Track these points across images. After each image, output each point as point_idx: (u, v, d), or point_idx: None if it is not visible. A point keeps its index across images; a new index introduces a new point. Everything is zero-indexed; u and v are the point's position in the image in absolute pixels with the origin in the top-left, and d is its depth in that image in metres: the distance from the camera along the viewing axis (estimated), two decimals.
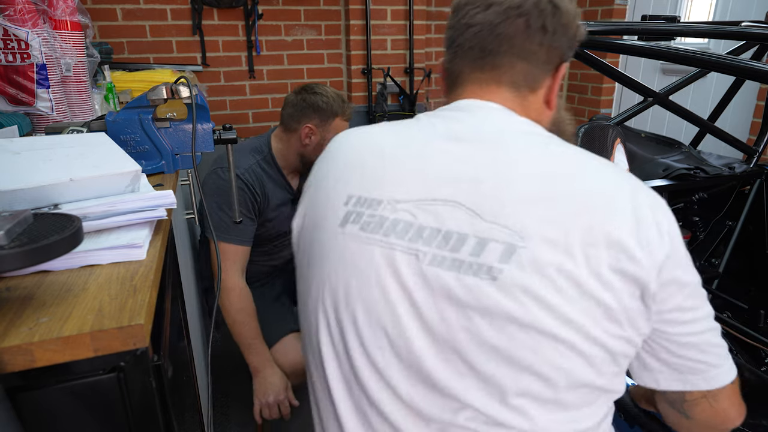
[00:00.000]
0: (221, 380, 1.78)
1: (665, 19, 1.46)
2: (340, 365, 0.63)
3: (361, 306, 0.60)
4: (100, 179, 0.62)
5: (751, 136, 2.49)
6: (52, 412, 0.46)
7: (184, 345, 0.94)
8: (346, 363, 0.62)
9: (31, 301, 0.48)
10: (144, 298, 0.48)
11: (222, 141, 0.90)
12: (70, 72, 1.17)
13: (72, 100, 1.20)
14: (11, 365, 0.42)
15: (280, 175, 1.54)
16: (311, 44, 2.76)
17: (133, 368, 0.47)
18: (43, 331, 0.43)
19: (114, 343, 0.45)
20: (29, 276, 0.54)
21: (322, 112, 1.46)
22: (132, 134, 0.84)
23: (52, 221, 0.47)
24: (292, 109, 1.48)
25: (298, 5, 2.67)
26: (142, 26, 2.46)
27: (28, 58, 1.04)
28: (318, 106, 1.45)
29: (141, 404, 0.49)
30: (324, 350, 0.64)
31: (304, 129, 1.46)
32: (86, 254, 0.55)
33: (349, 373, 0.63)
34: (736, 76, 1.60)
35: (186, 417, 0.76)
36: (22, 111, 1.07)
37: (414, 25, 2.75)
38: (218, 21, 2.57)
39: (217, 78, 2.66)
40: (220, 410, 1.65)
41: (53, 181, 0.58)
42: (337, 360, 0.64)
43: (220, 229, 1.40)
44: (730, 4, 2.61)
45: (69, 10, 1.15)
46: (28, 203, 0.57)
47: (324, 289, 0.63)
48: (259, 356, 1.40)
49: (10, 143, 0.69)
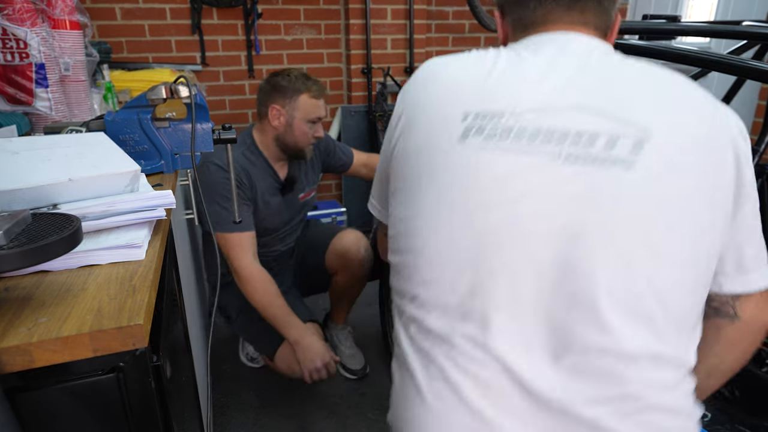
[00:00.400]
0: (221, 380, 1.78)
1: (666, 18, 1.46)
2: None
3: (491, 211, 0.60)
4: (99, 179, 0.62)
5: (752, 135, 2.49)
6: (51, 413, 0.46)
7: (184, 345, 0.94)
8: (478, 256, 0.61)
9: (30, 302, 0.48)
10: (143, 298, 0.48)
11: (221, 141, 0.90)
12: (69, 71, 1.17)
13: (71, 100, 1.20)
14: (10, 365, 0.42)
15: (265, 164, 1.57)
16: (311, 43, 2.75)
17: (133, 368, 0.47)
18: (42, 331, 0.43)
19: (113, 344, 0.44)
20: (28, 276, 0.53)
21: (285, 90, 1.50)
22: (131, 134, 0.84)
23: (51, 221, 0.47)
24: (260, 95, 1.55)
25: (298, 4, 2.66)
26: (141, 25, 2.46)
27: (27, 58, 1.04)
28: (280, 85, 1.50)
29: (140, 404, 0.49)
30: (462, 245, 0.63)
31: (271, 110, 1.51)
32: (85, 254, 0.55)
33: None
34: (737, 75, 1.60)
35: (186, 417, 0.76)
36: (21, 110, 1.07)
37: (414, 25, 2.75)
38: (217, 20, 2.57)
39: (216, 77, 2.66)
40: (220, 410, 1.65)
41: (52, 181, 0.58)
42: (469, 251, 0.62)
43: (217, 221, 1.43)
44: (732, 4, 2.60)
45: (68, 9, 1.15)
46: (27, 203, 0.57)
47: (447, 200, 0.63)
48: (295, 329, 1.48)
49: (8, 143, 0.69)
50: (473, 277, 0.61)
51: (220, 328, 2.06)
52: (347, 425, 1.58)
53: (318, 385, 1.74)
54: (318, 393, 1.71)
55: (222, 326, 2.07)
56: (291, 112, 1.51)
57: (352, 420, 1.60)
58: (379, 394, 1.71)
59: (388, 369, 0.78)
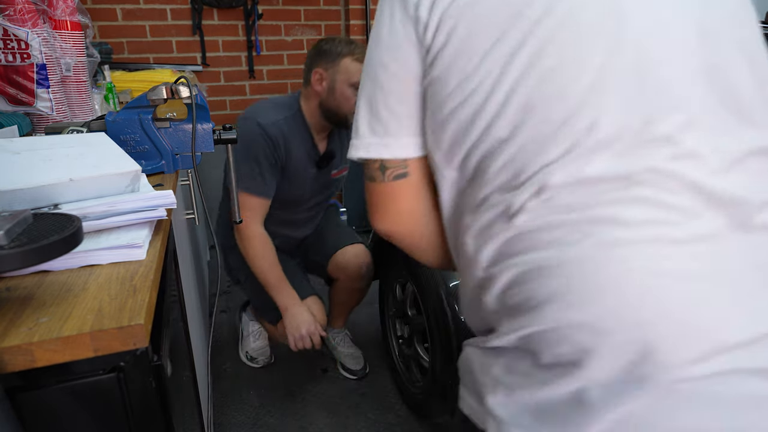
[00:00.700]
0: (221, 380, 1.78)
1: None
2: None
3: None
4: (100, 179, 0.62)
5: None
6: (52, 412, 0.46)
7: (184, 345, 0.94)
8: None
9: (31, 301, 0.48)
10: (144, 298, 0.48)
11: (222, 141, 0.91)
12: (70, 72, 1.18)
13: (72, 100, 1.20)
14: (11, 365, 0.42)
15: (307, 135, 1.54)
16: (311, 44, 2.76)
17: (133, 368, 0.47)
18: (43, 331, 0.43)
19: (114, 343, 0.45)
20: (29, 276, 0.54)
21: (328, 54, 1.46)
22: (132, 134, 0.84)
23: (52, 221, 0.47)
24: (306, 61, 1.52)
25: (298, 5, 2.67)
26: (142, 26, 2.46)
27: (28, 58, 1.04)
28: (323, 49, 1.46)
29: (141, 404, 0.49)
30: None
31: (314, 75, 1.47)
32: (86, 254, 0.55)
33: None
34: None
35: (186, 417, 0.76)
36: (22, 111, 1.08)
37: None
38: (218, 21, 2.57)
39: (217, 78, 2.66)
40: (220, 410, 1.65)
41: (53, 181, 0.58)
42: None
43: (241, 180, 1.43)
44: None
45: (69, 10, 1.15)
46: (28, 203, 0.57)
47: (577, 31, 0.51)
48: (286, 296, 1.51)
49: (9, 143, 0.69)
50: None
51: (220, 328, 2.07)
52: (347, 425, 1.58)
53: (318, 385, 1.75)
54: (318, 393, 1.72)
55: (222, 326, 2.07)
56: (333, 75, 1.45)
57: (352, 420, 1.60)
58: (379, 394, 1.71)
59: (389, 369, 0.78)
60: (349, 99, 1.45)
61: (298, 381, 1.77)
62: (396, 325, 1.75)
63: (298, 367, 1.84)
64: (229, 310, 2.21)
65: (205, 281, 2.07)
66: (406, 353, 1.66)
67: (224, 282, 2.33)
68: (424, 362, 1.54)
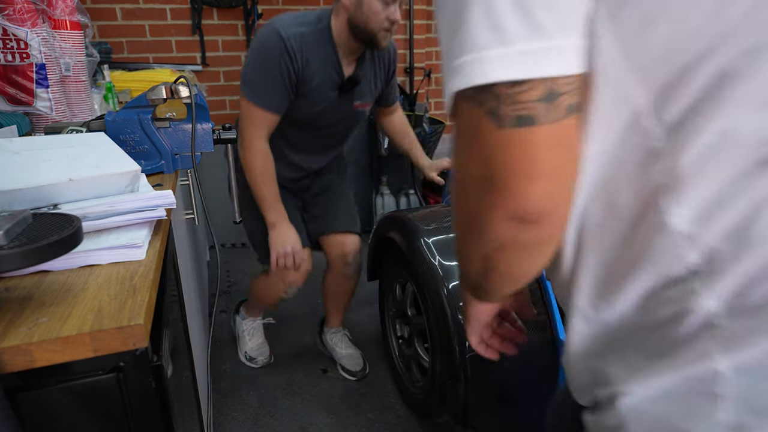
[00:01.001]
0: (221, 380, 1.78)
1: None
2: None
3: None
4: (100, 179, 0.62)
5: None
6: (51, 413, 0.46)
7: (184, 345, 0.94)
8: None
9: (30, 302, 0.48)
10: (143, 298, 0.48)
11: (222, 141, 0.91)
12: (70, 72, 1.17)
13: (71, 100, 1.20)
14: (10, 365, 0.42)
15: (332, 53, 1.46)
16: None
17: (133, 368, 0.47)
18: (43, 331, 0.43)
19: (113, 344, 0.45)
20: (28, 276, 0.53)
21: None
22: (131, 134, 0.84)
23: (52, 221, 0.47)
24: None
25: (298, 5, 2.67)
26: (142, 26, 2.46)
27: (28, 58, 1.04)
28: None
29: (141, 404, 0.49)
30: None
31: None
32: (86, 254, 0.55)
33: None
34: None
35: (186, 417, 0.76)
36: (22, 111, 1.07)
37: (414, 25, 2.75)
38: (218, 20, 2.57)
39: (216, 78, 2.66)
40: (220, 410, 1.65)
41: (53, 181, 0.58)
42: None
43: (251, 87, 1.40)
44: None
45: (68, 9, 1.15)
46: (28, 203, 0.57)
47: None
48: (276, 213, 1.53)
49: (9, 143, 0.69)
50: None
51: (220, 328, 2.07)
52: (347, 425, 1.58)
53: (318, 385, 1.74)
54: (318, 393, 1.72)
55: (222, 326, 2.07)
56: None
57: (352, 420, 1.60)
58: (379, 394, 1.71)
59: (389, 369, 0.78)
60: (378, 13, 1.37)
61: (298, 381, 1.77)
62: (396, 325, 1.75)
63: (297, 367, 1.84)
64: (229, 310, 2.21)
65: (204, 281, 2.07)
66: (406, 353, 1.66)
67: (224, 282, 2.33)
68: (424, 362, 1.54)
